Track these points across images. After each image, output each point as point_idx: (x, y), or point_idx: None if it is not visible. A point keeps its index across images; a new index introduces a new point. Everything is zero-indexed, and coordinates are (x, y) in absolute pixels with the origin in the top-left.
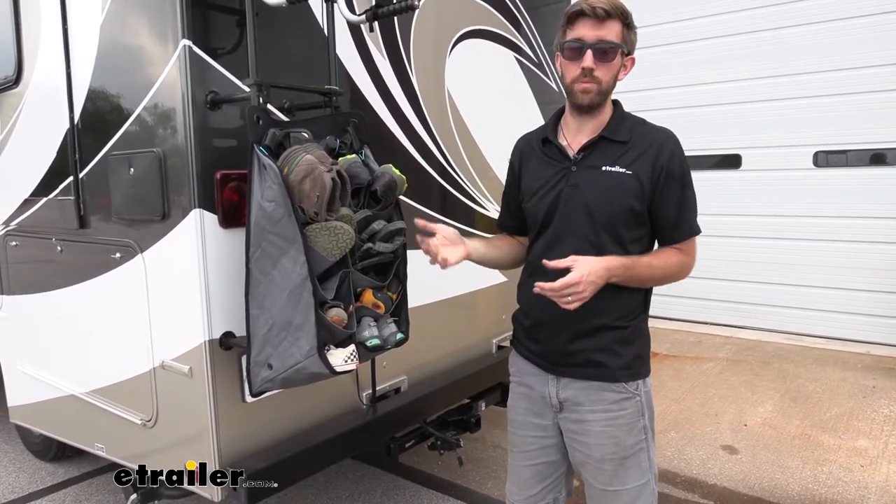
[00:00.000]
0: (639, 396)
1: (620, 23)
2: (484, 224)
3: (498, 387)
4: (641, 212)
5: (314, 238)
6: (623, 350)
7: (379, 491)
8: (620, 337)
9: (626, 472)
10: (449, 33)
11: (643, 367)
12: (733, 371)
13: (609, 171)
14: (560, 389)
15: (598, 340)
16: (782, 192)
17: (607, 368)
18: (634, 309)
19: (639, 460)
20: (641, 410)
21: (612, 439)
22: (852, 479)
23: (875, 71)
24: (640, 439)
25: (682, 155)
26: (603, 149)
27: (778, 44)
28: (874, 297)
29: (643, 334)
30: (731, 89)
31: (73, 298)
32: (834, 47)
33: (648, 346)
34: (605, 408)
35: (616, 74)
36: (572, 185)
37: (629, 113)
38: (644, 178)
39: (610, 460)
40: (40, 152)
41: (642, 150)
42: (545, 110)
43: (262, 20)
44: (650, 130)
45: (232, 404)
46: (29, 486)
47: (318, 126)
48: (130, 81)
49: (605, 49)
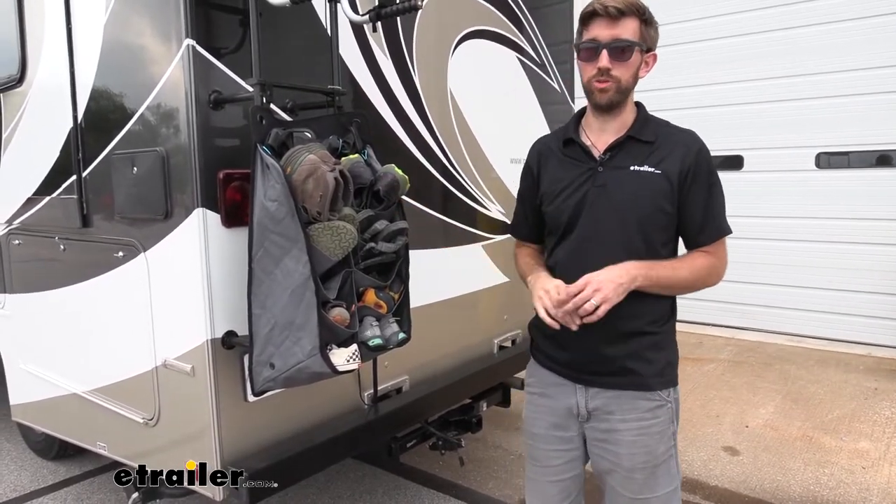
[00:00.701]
0: (670, 403)
1: (637, 19)
2: (485, 224)
3: (499, 387)
4: (671, 213)
5: (317, 238)
6: (655, 356)
7: (380, 491)
8: (652, 343)
9: (657, 480)
10: (451, 34)
11: (674, 374)
12: (735, 372)
13: (637, 171)
14: (589, 399)
15: (630, 346)
16: (784, 194)
17: (640, 376)
18: (665, 314)
19: (668, 467)
20: (672, 417)
21: (645, 448)
22: (854, 480)
23: (877, 73)
24: (670, 446)
25: (708, 155)
26: (630, 149)
27: (781, 45)
28: (876, 299)
29: (673, 341)
30: (733, 91)
31: (75, 297)
32: (838, 49)
33: (678, 352)
34: (638, 416)
35: (635, 72)
36: (599, 186)
37: (653, 115)
38: (673, 178)
39: (641, 469)
40: (44, 151)
41: (669, 150)
42: (547, 111)
43: (265, 20)
44: (675, 131)
45: (234, 403)
46: (31, 484)
47: (320, 126)
48: (134, 81)
49: (621, 48)
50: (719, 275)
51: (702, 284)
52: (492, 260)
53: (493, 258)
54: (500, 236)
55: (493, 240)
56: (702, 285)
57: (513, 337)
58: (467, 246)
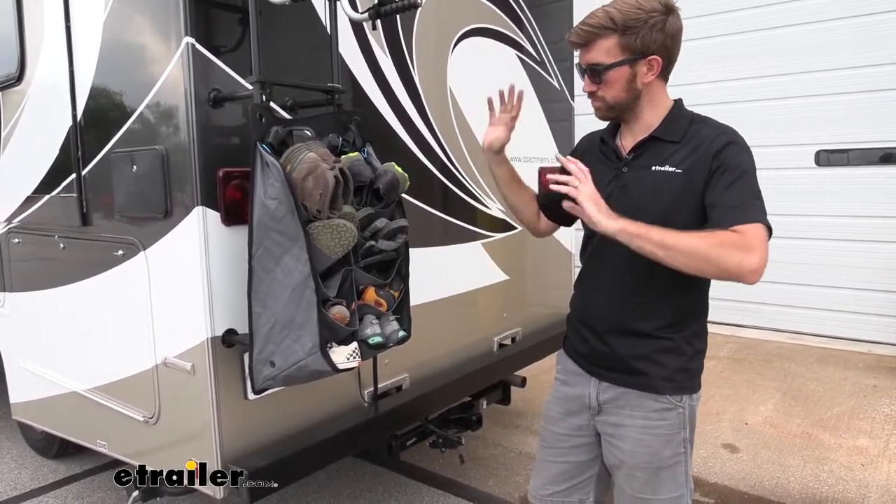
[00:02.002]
0: (682, 409)
1: (613, 35)
2: (485, 222)
3: (499, 385)
4: (692, 213)
5: (317, 236)
6: (667, 361)
7: (380, 489)
8: (663, 347)
9: (660, 482)
10: (451, 31)
11: (691, 381)
12: (734, 370)
13: (658, 171)
14: (601, 392)
15: (639, 348)
16: (783, 191)
17: (648, 377)
18: (681, 321)
19: (674, 473)
20: (683, 423)
21: (648, 448)
22: (853, 477)
23: (878, 70)
24: (679, 452)
25: (738, 150)
26: (654, 149)
27: (778, 42)
28: (875, 297)
29: (694, 349)
30: (731, 88)
31: (75, 295)
32: (835, 46)
33: (699, 362)
34: (644, 415)
35: (625, 86)
36: (622, 187)
37: (689, 111)
38: (695, 175)
39: (644, 468)
40: (43, 150)
41: (694, 148)
42: (547, 108)
43: (264, 18)
44: (705, 129)
45: (234, 401)
46: (31, 482)
47: (320, 124)
48: (133, 79)
49: (594, 72)
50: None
51: (715, 258)
52: (492, 258)
53: (493, 256)
54: (500, 234)
55: (493, 238)
56: (715, 259)
57: (513, 335)
58: (467, 244)
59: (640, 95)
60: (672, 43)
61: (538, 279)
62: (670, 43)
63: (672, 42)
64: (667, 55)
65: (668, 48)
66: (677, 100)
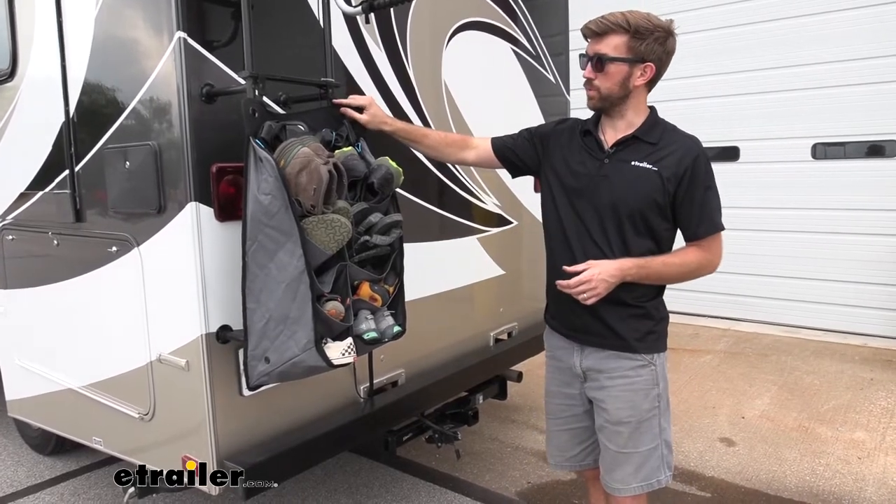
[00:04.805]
0: (654, 366)
1: (624, 35)
2: (481, 216)
3: (495, 380)
4: (663, 205)
5: (311, 231)
6: (638, 325)
7: (377, 484)
8: (634, 313)
9: (641, 435)
10: (446, 25)
11: (659, 342)
12: (731, 363)
13: (637, 166)
14: (583, 358)
15: (615, 314)
16: (780, 185)
17: (623, 340)
18: (649, 292)
19: (651, 426)
20: (656, 379)
21: (629, 403)
22: (849, 470)
23: (874, 63)
24: (654, 406)
25: (706, 161)
26: (634, 147)
27: (776, 35)
28: (872, 290)
29: (658, 313)
30: (729, 81)
31: (69, 292)
32: (834, 39)
33: (664, 326)
34: (622, 374)
35: (620, 82)
36: (603, 176)
37: (662, 119)
38: (668, 176)
39: (626, 423)
40: (36, 146)
41: (669, 152)
42: (542, 102)
43: (257, 12)
44: (679, 137)
45: (229, 398)
46: (27, 479)
47: (314, 118)
48: (125, 74)
49: (600, 61)
50: (712, 267)
51: (694, 276)
52: (487, 253)
53: (488, 251)
54: (496, 229)
55: (489, 232)
56: (694, 277)
57: (509, 329)
58: (462, 238)
59: (629, 95)
60: (666, 58)
61: (534, 274)
62: (665, 58)
63: (666, 57)
64: (659, 67)
65: (661, 61)
66: (652, 107)
